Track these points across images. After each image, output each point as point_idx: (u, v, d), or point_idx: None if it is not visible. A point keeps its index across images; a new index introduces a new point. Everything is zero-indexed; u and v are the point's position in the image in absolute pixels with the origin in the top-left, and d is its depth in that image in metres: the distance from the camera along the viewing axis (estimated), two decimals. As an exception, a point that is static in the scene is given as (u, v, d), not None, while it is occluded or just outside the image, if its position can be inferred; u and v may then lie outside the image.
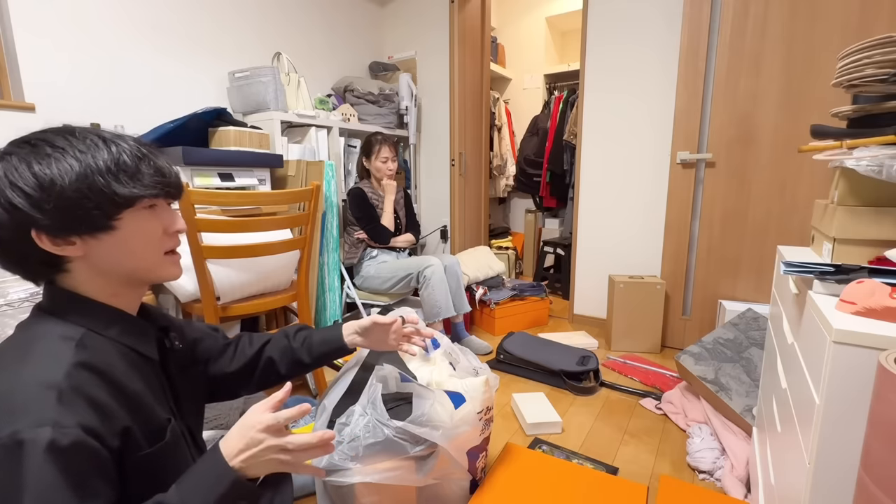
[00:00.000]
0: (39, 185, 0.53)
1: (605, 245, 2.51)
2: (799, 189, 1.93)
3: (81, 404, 0.51)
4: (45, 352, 0.54)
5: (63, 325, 0.58)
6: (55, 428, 0.47)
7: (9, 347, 0.56)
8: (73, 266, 0.59)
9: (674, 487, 1.13)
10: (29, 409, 0.48)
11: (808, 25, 1.82)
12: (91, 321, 0.60)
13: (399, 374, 1.05)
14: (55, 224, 0.55)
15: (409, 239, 2.34)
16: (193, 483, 0.56)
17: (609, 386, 1.87)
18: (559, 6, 3.63)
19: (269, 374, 0.92)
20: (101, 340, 0.59)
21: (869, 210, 0.82)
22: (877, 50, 0.79)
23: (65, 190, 0.54)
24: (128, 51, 1.82)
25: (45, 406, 0.48)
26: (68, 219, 0.55)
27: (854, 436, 0.60)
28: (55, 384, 0.50)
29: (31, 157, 0.54)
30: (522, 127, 3.76)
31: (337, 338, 0.97)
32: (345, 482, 0.92)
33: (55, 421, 0.47)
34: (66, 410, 0.49)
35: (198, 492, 0.55)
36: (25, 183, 0.53)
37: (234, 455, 0.57)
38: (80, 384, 0.52)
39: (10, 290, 1.26)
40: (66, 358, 0.53)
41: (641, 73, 2.26)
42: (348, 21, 2.85)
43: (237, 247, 1.44)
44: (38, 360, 0.53)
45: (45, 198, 0.53)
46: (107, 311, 0.61)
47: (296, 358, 0.93)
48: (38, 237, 0.55)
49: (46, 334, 0.56)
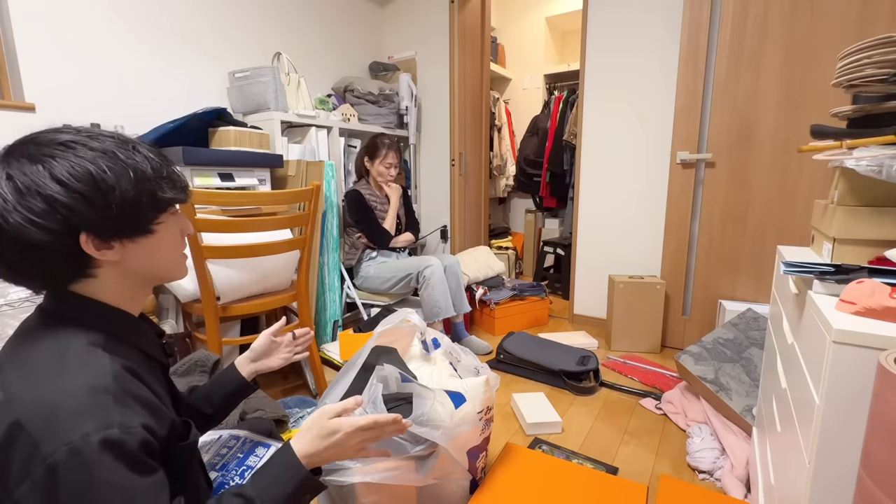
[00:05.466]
0: (97, 186, 0.52)
1: (605, 245, 2.51)
2: (799, 189, 1.93)
3: (135, 405, 0.52)
4: (82, 359, 0.53)
5: (83, 331, 0.56)
6: (121, 428, 0.49)
7: (40, 358, 0.53)
8: (102, 271, 0.58)
9: (674, 487, 1.13)
10: (90, 413, 0.48)
11: (808, 25, 1.82)
12: (108, 326, 0.59)
13: (399, 375, 1.05)
14: (109, 227, 0.54)
15: (408, 238, 2.34)
16: (268, 477, 0.61)
17: (609, 386, 1.87)
18: (559, 6, 3.63)
19: None
20: (121, 345, 0.59)
21: (869, 210, 0.82)
22: (877, 50, 0.79)
23: (126, 193, 0.54)
24: (128, 51, 1.82)
25: (105, 409, 0.49)
26: (123, 222, 0.55)
27: (854, 436, 0.60)
28: (107, 388, 0.51)
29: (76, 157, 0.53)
30: (522, 127, 3.76)
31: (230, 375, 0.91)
32: (345, 482, 0.92)
33: (120, 422, 0.49)
34: (127, 411, 0.51)
35: (272, 485, 0.60)
36: (81, 182, 0.52)
37: (315, 454, 0.64)
38: (128, 386, 0.53)
39: (10, 290, 1.26)
40: (105, 363, 0.54)
41: (641, 74, 2.26)
42: (348, 21, 2.85)
43: (237, 247, 1.44)
44: (79, 366, 0.52)
45: (103, 200, 0.53)
46: (121, 315, 0.61)
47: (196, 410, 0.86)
48: (85, 240, 0.53)
49: (72, 342, 0.55)
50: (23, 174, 0.50)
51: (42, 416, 0.47)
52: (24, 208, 0.50)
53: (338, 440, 0.65)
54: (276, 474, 0.62)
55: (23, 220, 0.49)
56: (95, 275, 0.57)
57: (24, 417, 0.47)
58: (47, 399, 0.49)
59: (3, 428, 0.47)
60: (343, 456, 0.68)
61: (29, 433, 0.46)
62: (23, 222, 0.49)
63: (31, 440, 0.46)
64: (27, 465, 0.46)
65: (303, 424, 0.68)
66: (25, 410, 0.48)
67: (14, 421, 0.47)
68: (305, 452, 0.64)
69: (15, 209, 0.49)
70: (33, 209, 0.50)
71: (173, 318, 1.68)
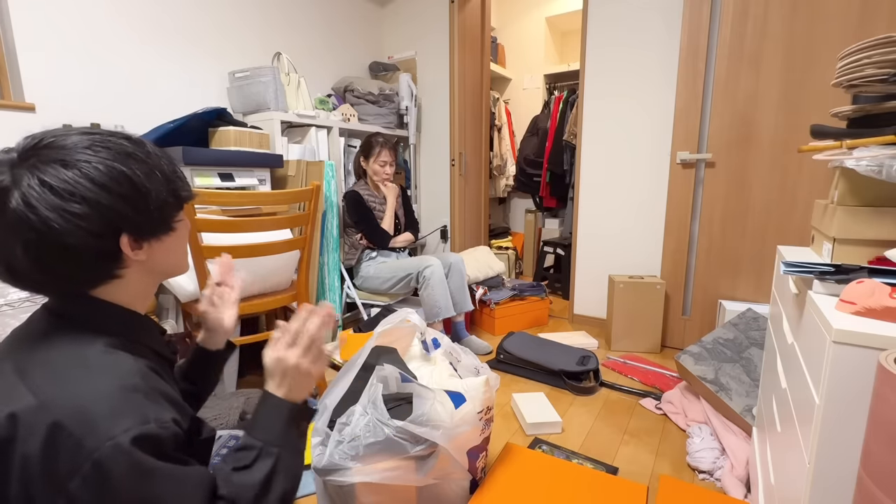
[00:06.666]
0: (135, 187, 0.54)
1: (605, 245, 2.51)
2: (799, 189, 1.93)
3: (163, 401, 0.54)
4: (105, 361, 0.54)
5: (101, 335, 0.57)
6: (157, 423, 0.50)
7: (62, 359, 0.53)
8: (129, 271, 0.58)
9: (674, 487, 1.13)
10: (127, 411, 0.49)
11: (808, 25, 1.82)
12: (124, 328, 0.60)
13: (399, 375, 1.05)
14: (146, 227, 0.57)
15: (408, 238, 2.34)
16: (257, 424, 0.63)
17: (609, 386, 1.87)
18: (559, 6, 3.63)
19: None
20: (137, 345, 0.60)
21: (869, 210, 0.82)
22: (877, 50, 0.79)
23: (159, 193, 0.57)
24: (128, 51, 1.82)
25: (140, 406, 0.51)
26: (158, 222, 0.58)
27: (854, 436, 0.60)
28: (137, 387, 0.52)
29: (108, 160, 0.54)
30: (522, 127, 3.76)
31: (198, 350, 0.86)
32: (345, 482, 0.92)
33: (156, 418, 0.50)
34: (159, 408, 0.52)
35: (265, 427, 0.63)
36: (121, 185, 0.53)
37: (279, 385, 0.66)
38: (155, 384, 0.55)
39: (10, 289, 1.26)
40: (129, 363, 0.55)
41: (641, 74, 2.26)
42: (348, 21, 2.86)
43: (237, 247, 1.44)
44: (104, 368, 0.53)
45: (142, 200, 0.55)
46: (133, 316, 0.62)
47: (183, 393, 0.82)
48: (125, 242, 0.55)
49: (91, 346, 0.55)
50: (60, 180, 0.51)
51: (80, 416, 0.48)
52: (67, 213, 0.50)
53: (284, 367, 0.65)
54: (264, 417, 0.64)
55: (67, 225, 0.50)
56: (123, 275, 0.58)
57: (64, 419, 0.47)
58: (82, 401, 0.49)
59: (44, 429, 0.47)
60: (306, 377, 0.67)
61: (70, 432, 0.47)
62: (67, 226, 0.50)
63: (73, 438, 0.47)
64: (74, 462, 0.46)
65: None
66: (63, 412, 0.48)
67: (54, 422, 0.47)
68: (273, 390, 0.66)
69: (59, 215, 0.50)
70: (77, 213, 0.51)
71: (173, 318, 1.68)
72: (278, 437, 0.62)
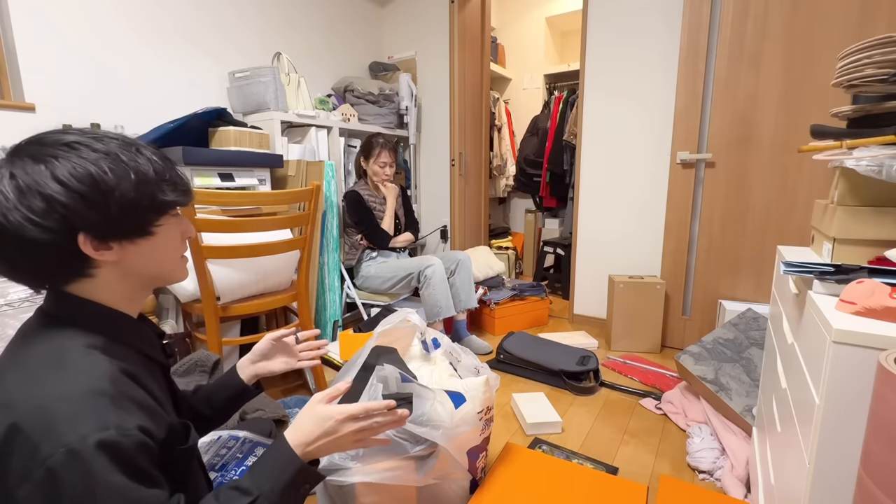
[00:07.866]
0: (97, 186, 0.53)
1: (605, 245, 2.51)
2: (799, 189, 1.93)
3: (132, 407, 0.52)
4: (80, 361, 0.54)
5: (81, 333, 0.57)
6: (118, 431, 0.49)
7: (37, 359, 0.54)
8: (101, 271, 0.58)
9: (674, 487, 1.13)
10: (88, 415, 0.48)
11: (808, 25, 1.82)
12: (107, 328, 0.59)
13: (399, 375, 1.05)
14: (107, 228, 0.55)
15: (408, 238, 2.34)
16: (263, 470, 0.61)
17: (609, 386, 1.87)
18: (559, 6, 3.63)
19: None
20: (120, 347, 0.59)
21: (869, 210, 0.82)
22: (877, 50, 0.79)
23: (126, 194, 0.55)
24: (128, 51, 1.82)
25: (103, 411, 0.49)
26: (122, 223, 0.56)
27: (854, 436, 0.60)
28: (105, 391, 0.51)
29: (78, 158, 0.53)
30: (522, 127, 3.76)
31: (231, 377, 0.88)
32: (345, 482, 0.92)
33: (117, 424, 0.49)
34: (124, 414, 0.51)
35: (269, 477, 0.60)
36: (81, 183, 0.52)
37: (309, 443, 0.63)
38: (126, 389, 0.53)
39: (10, 290, 1.26)
40: (103, 366, 0.54)
41: (641, 74, 2.26)
42: (348, 21, 2.86)
43: (237, 247, 1.44)
44: (77, 369, 0.53)
45: (102, 200, 0.53)
46: (120, 317, 0.61)
47: (197, 412, 0.84)
48: (83, 241, 0.54)
49: (70, 344, 0.55)
50: (25, 173, 0.51)
51: (39, 419, 0.48)
52: (24, 207, 0.50)
53: (330, 427, 0.64)
54: (272, 465, 0.62)
55: (22, 219, 0.50)
56: (94, 275, 0.58)
57: (23, 420, 0.47)
58: (44, 402, 0.49)
59: (2, 431, 0.47)
60: (340, 447, 0.66)
61: (27, 436, 0.47)
62: (22, 221, 0.50)
63: (29, 443, 0.46)
64: (26, 467, 0.46)
65: (297, 415, 0.67)
66: (23, 414, 0.48)
67: (12, 424, 0.47)
68: (299, 441, 0.63)
69: (16, 207, 0.50)
70: (33, 208, 0.50)
71: (173, 318, 1.68)
72: (277, 494, 0.59)
